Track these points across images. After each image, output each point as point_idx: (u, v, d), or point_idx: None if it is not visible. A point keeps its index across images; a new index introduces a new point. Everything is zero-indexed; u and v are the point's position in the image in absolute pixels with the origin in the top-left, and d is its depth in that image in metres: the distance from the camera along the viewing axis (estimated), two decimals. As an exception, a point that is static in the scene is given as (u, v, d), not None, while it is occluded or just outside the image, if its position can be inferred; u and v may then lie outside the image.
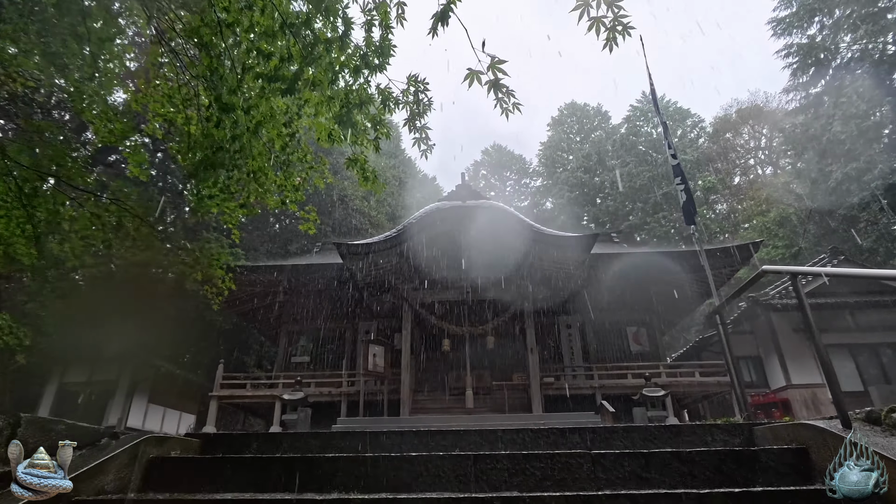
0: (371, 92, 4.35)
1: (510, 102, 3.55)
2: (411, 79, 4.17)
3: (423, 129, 4.31)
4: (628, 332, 15.42)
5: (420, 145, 4.50)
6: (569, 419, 10.60)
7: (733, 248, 13.51)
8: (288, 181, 6.26)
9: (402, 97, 4.27)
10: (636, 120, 43.31)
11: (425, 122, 4.26)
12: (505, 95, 3.52)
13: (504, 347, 14.05)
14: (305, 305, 15.97)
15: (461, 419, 10.61)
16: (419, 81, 4.18)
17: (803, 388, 15.68)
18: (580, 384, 13.67)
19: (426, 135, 4.37)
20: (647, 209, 36.18)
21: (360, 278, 13.19)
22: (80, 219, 5.70)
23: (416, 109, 4.20)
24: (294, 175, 6.25)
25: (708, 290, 15.89)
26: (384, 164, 36.02)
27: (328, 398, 13.75)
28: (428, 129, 4.36)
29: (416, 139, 4.37)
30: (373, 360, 12.56)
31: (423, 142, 4.46)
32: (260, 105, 4.23)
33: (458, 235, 12.52)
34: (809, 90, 21.01)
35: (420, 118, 4.23)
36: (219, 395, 14.02)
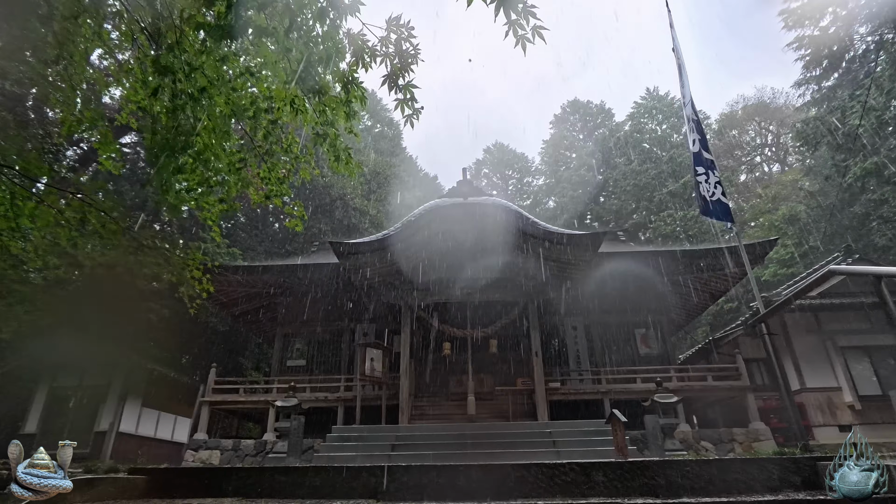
0: (341, 38, 3.42)
1: (529, 26, 2.71)
2: (391, 22, 3.28)
3: (407, 87, 3.40)
4: (637, 335, 14.82)
5: (404, 108, 3.61)
6: (577, 427, 10.01)
7: (757, 244, 12.89)
8: (272, 174, 5.67)
9: (381, 47, 3.35)
10: (640, 117, 42.65)
11: (410, 78, 3.36)
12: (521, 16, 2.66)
13: (507, 351, 13.48)
14: (301, 307, 15.41)
15: (463, 428, 10.04)
16: (402, 25, 3.33)
17: (818, 391, 15.07)
18: (587, 389, 13.10)
19: (412, 95, 3.45)
20: (651, 207, 35.53)
21: (357, 279, 12.63)
22: (42, 215, 5.14)
23: (397, 63, 3.29)
24: (278, 167, 5.66)
25: (721, 290, 15.34)
26: (384, 162, 35.48)
27: (324, 403, 13.19)
28: (414, 88, 3.43)
29: (398, 101, 3.48)
30: (370, 364, 12.00)
31: (408, 104, 3.58)
32: (202, 64, 3.54)
33: (460, 234, 11.95)
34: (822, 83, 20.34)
35: (404, 74, 3.33)
36: (210, 400, 13.48)
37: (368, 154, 34.91)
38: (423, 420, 12.07)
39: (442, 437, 9.68)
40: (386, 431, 10.24)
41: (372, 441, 9.80)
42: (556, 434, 9.61)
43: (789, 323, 16.02)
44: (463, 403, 11.91)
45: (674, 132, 39.93)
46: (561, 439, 9.41)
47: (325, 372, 14.90)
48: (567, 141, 48.41)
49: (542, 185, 49.86)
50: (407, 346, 12.20)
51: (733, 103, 39.83)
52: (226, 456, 12.58)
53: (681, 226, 32.63)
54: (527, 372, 12.58)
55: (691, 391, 12.75)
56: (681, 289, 15.03)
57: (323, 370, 15.05)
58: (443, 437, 9.63)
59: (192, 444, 12.75)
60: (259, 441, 12.64)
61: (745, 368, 13.21)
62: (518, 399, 12.21)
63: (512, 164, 54.92)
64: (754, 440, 12.22)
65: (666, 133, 40.71)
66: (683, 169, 34.95)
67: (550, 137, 50.06)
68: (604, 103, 48.07)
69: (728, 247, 12.80)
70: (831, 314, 15.83)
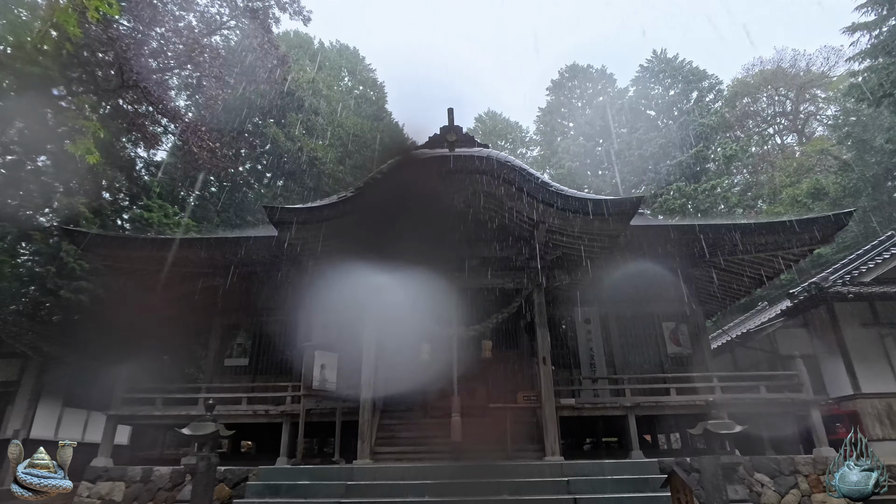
0: None
1: None
2: None
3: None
4: (665, 330, 11.84)
5: None
6: (605, 474, 7.02)
7: (832, 216, 9.87)
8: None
9: None
10: (646, 82, 39.20)
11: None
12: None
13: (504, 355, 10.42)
14: (244, 291, 12.21)
15: (443, 473, 7.00)
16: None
17: (877, 397, 12.45)
18: (605, 402, 10.16)
19: None
20: (658, 180, 32.42)
21: (307, 256, 9.44)
22: None
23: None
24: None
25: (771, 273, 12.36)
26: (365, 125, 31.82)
27: (265, 419, 10.11)
28: None
29: None
30: (320, 372, 8.87)
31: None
32: None
33: (444, 197, 8.76)
34: (882, 27, 17.03)
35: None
36: (118, 414, 10.35)
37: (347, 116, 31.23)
38: (390, 446, 9.04)
39: (413, 488, 6.67)
40: (334, 476, 7.15)
41: (312, 495, 6.76)
42: (577, 486, 6.63)
43: (840, 314, 13.29)
44: (446, 424, 8.85)
45: (684, 98, 36.57)
46: (584, 496, 6.45)
47: (274, 374, 11.79)
48: (565, 109, 44.91)
49: (537, 156, 46.42)
50: (371, 349, 9.06)
51: (749, 66, 36.38)
52: (132, 489, 9.49)
53: (690, 200, 29.63)
54: (529, 382, 9.58)
55: (741, 406, 9.83)
56: (719, 272, 12.04)
57: (272, 371, 11.96)
58: (414, 489, 6.63)
59: (90, 474, 9.63)
60: (177, 470, 9.55)
61: (807, 377, 10.32)
62: (518, 418, 9.18)
63: (504, 134, 51.30)
64: (823, 472, 9.39)
65: (674, 98, 37.34)
66: (694, 138, 31.80)
67: (547, 105, 46.52)
68: (605, 68, 44.40)
69: (798, 220, 9.73)
70: (892, 304, 13.14)
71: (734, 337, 15.89)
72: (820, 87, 32.24)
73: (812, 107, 34.22)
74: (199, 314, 12.93)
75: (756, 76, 36.27)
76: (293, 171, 25.33)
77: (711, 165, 32.75)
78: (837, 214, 10.13)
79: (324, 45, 40.18)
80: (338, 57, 40.06)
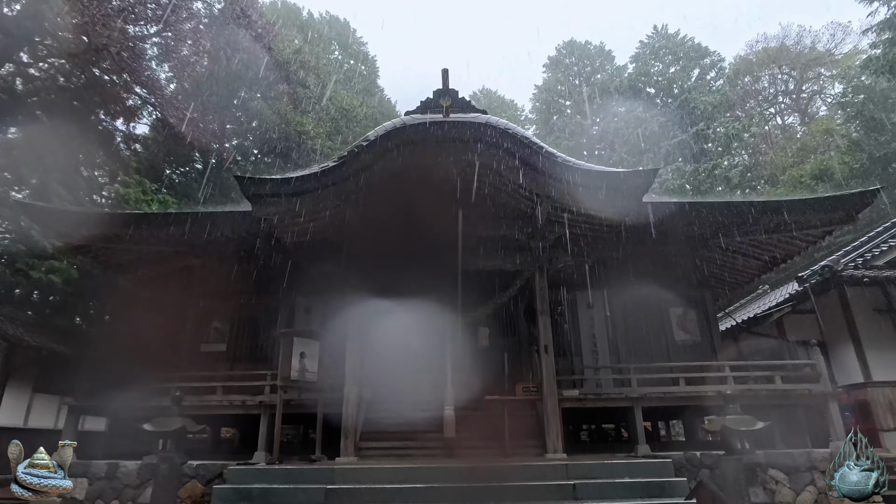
0: None
1: None
2: None
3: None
4: (672, 316, 11.11)
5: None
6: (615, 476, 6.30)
7: (856, 194, 9.07)
8: None
9: None
10: (646, 58, 38.03)
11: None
12: None
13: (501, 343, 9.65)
14: (222, 271, 11.30)
15: (434, 476, 6.24)
16: None
17: (889, 386, 11.89)
18: (610, 393, 9.44)
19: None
20: (657, 160, 31.56)
21: (286, 233, 8.55)
22: None
23: None
24: None
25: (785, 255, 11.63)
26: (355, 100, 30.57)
27: (242, 410, 9.32)
28: None
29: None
30: (299, 361, 8.05)
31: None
32: None
33: (437, 169, 7.87)
34: (902, -3, 16.14)
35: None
36: (80, 405, 9.52)
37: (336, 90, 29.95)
38: (377, 441, 8.29)
39: (401, 493, 5.92)
40: (312, 479, 6.38)
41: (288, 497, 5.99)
42: (584, 492, 5.91)
43: (852, 298, 12.66)
44: (437, 419, 8.10)
45: (684, 75, 35.50)
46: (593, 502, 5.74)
47: (253, 361, 10.98)
48: (562, 86, 43.71)
49: (533, 134, 45.39)
50: (356, 336, 8.24)
51: (752, 43, 35.26)
52: (96, 487, 8.69)
53: (691, 181, 28.85)
54: (529, 373, 8.83)
55: (755, 398, 9.15)
56: (731, 255, 11.29)
57: (252, 358, 11.14)
58: (402, 495, 5.88)
59: (49, 469, 8.83)
60: (146, 465, 8.76)
61: (824, 367, 9.64)
62: (517, 412, 8.43)
63: (499, 113, 49.92)
64: (841, 468, 8.79)
65: (674, 76, 36.26)
66: (696, 116, 30.87)
67: (543, 83, 45.26)
68: (603, 44, 43.13)
69: (825, 196, 8.95)
70: (897, 291, 12.51)
71: (740, 322, 15.24)
72: (825, 65, 31.29)
73: (815, 86, 33.30)
74: (174, 295, 12.03)
75: (759, 53, 35.19)
76: (281, 149, 24.23)
77: (711, 146, 31.94)
78: (863, 192, 9.35)
79: (313, 16, 38.58)
80: (328, 29, 38.49)
